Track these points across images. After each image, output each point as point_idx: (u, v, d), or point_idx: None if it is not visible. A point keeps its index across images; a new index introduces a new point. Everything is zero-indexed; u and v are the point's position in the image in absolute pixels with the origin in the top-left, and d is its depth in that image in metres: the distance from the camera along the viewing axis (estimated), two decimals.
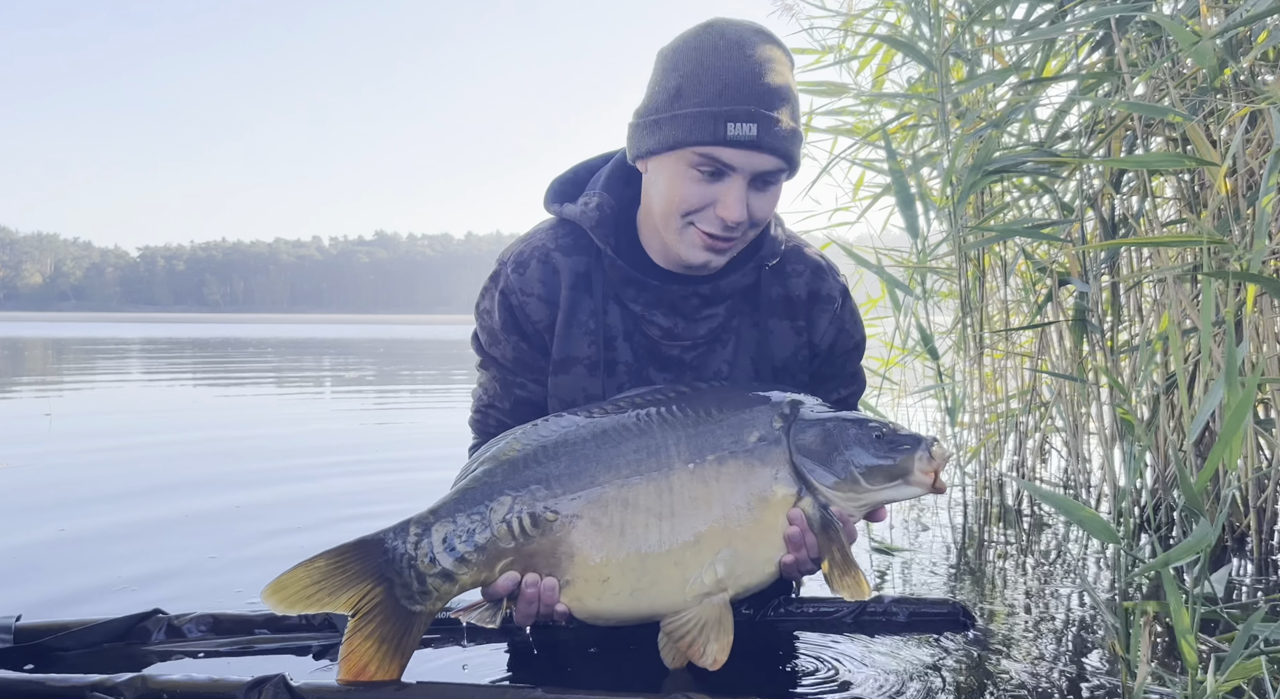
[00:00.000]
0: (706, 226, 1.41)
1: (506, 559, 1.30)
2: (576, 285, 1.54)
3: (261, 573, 2.11)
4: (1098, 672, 1.51)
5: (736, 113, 1.34)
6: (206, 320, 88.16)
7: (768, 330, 1.57)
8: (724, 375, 1.57)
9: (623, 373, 1.55)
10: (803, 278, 1.60)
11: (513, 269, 1.57)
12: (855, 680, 1.46)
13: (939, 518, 2.80)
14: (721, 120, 1.34)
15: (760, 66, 1.37)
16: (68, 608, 1.82)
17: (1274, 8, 1.81)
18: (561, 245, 1.56)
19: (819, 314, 1.60)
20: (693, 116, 1.35)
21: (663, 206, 1.43)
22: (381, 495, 3.07)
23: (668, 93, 1.39)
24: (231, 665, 1.51)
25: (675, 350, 1.56)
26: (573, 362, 1.54)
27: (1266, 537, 2.33)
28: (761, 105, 1.35)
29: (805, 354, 1.61)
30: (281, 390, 8.02)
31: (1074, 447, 2.99)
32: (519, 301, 1.55)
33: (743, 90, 1.35)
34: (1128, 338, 2.78)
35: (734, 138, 1.34)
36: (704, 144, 1.35)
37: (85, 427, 5.02)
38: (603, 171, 1.59)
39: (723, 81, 1.35)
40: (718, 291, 1.53)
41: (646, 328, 1.55)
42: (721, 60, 1.36)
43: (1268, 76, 2.34)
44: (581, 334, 1.54)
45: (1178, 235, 2.47)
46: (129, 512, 2.78)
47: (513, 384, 1.60)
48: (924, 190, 3.04)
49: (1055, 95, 2.89)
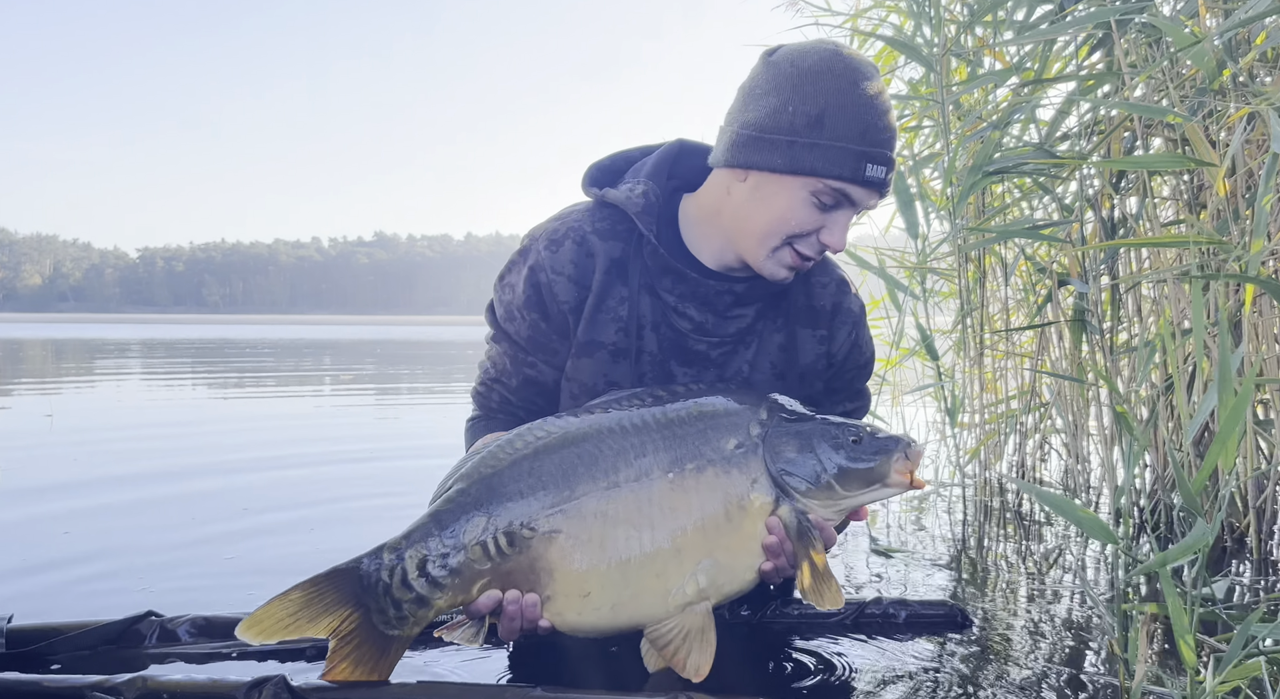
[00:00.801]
0: (805, 250, 1.45)
1: (484, 579, 1.29)
2: (610, 270, 1.54)
3: (256, 574, 2.11)
4: (1096, 672, 1.51)
5: (875, 155, 1.39)
6: (206, 321, 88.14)
7: (793, 336, 1.59)
8: (744, 376, 1.57)
9: (646, 363, 1.55)
10: (829, 290, 1.63)
11: (545, 246, 1.55)
12: (855, 681, 1.46)
13: (939, 518, 2.80)
14: (863, 160, 1.38)
15: (888, 108, 1.42)
16: (62, 601, 1.83)
17: (1272, 9, 1.81)
18: (599, 228, 1.55)
19: (839, 326, 1.63)
20: (837, 151, 1.37)
21: (765, 224, 1.44)
22: (379, 495, 3.07)
23: (808, 118, 1.38)
24: (227, 668, 1.51)
25: (703, 346, 1.56)
26: (597, 346, 1.54)
27: (1266, 537, 2.33)
28: (891, 148, 1.42)
29: (824, 364, 1.63)
30: (281, 390, 8.01)
31: (1074, 447, 2.99)
32: (548, 280, 1.54)
33: (882, 133, 1.40)
34: (1127, 338, 2.78)
35: (870, 179, 1.39)
36: (842, 180, 1.39)
37: (86, 426, 5.02)
38: (646, 162, 1.60)
39: (865, 121, 1.38)
40: (751, 292, 1.55)
41: (676, 320, 1.55)
42: (863, 97, 1.39)
43: (1266, 78, 2.34)
44: (609, 320, 1.53)
45: (1176, 236, 2.48)
46: (125, 516, 2.78)
47: (523, 363, 1.60)
48: (925, 190, 3.05)
49: (1055, 96, 2.89)
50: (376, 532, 1.39)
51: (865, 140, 1.38)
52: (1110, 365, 2.65)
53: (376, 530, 1.42)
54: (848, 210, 1.44)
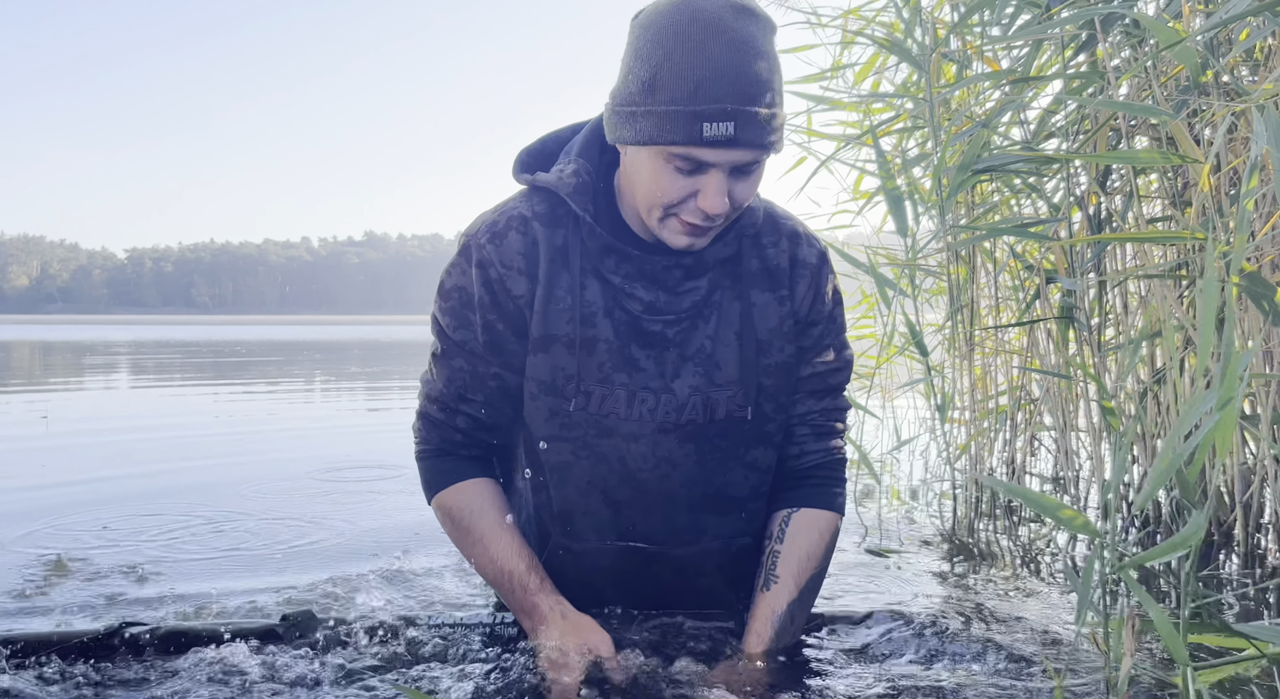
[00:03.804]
0: (689, 218, 1.36)
1: None
2: (555, 258, 1.46)
3: (233, 581, 2.12)
4: (1086, 668, 1.53)
5: (711, 112, 1.26)
6: (194, 322, 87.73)
7: (750, 303, 1.50)
8: (708, 352, 1.48)
9: (604, 351, 1.47)
10: (780, 247, 1.53)
11: (488, 240, 1.46)
12: (828, 684, 1.47)
13: (929, 514, 2.82)
14: (697, 121, 1.27)
15: (736, 54, 1.27)
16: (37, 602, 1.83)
17: (1253, 9, 1.83)
18: (539, 213, 1.47)
19: (798, 280, 1.54)
20: (667, 116, 1.28)
21: (644, 197, 1.38)
22: (376, 497, 3.07)
23: (641, 84, 1.31)
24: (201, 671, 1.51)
25: (658, 326, 1.48)
26: (552, 340, 1.46)
27: (1253, 529, 2.36)
28: (737, 101, 1.27)
29: (790, 325, 1.53)
30: (274, 392, 8.00)
31: (1063, 443, 3.01)
32: (498, 275, 1.45)
33: (718, 87, 1.26)
34: (1114, 334, 2.81)
35: (710, 139, 1.27)
36: (678, 145, 1.29)
37: (83, 428, 5.01)
38: (576, 140, 1.50)
39: (695, 79, 1.27)
40: (701, 262, 1.46)
41: (627, 302, 1.47)
42: (694, 53, 1.27)
43: (1250, 77, 2.36)
44: (560, 310, 1.45)
45: (1161, 231, 2.50)
46: (118, 521, 2.78)
47: (485, 374, 1.50)
48: (916, 189, 3.07)
49: (1043, 99, 2.91)
50: (377, 532, 1.39)
51: (697, 99, 1.26)
52: (1098, 362, 2.68)
53: (377, 529, 1.42)
54: (716, 172, 1.31)
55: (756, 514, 1.59)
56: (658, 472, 1.50)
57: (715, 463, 1.52)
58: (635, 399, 1.47)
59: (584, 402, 1.47)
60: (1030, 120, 2.86)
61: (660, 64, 1.29)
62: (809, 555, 1.54)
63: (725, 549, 1.58)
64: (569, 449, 1.50)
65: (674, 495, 1.52)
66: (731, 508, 1.56)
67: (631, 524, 1.54)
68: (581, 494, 1.52)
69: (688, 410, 1.48)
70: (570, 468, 1.51)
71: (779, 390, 1.53)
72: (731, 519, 1.57)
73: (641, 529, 1.54)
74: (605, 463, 1.50)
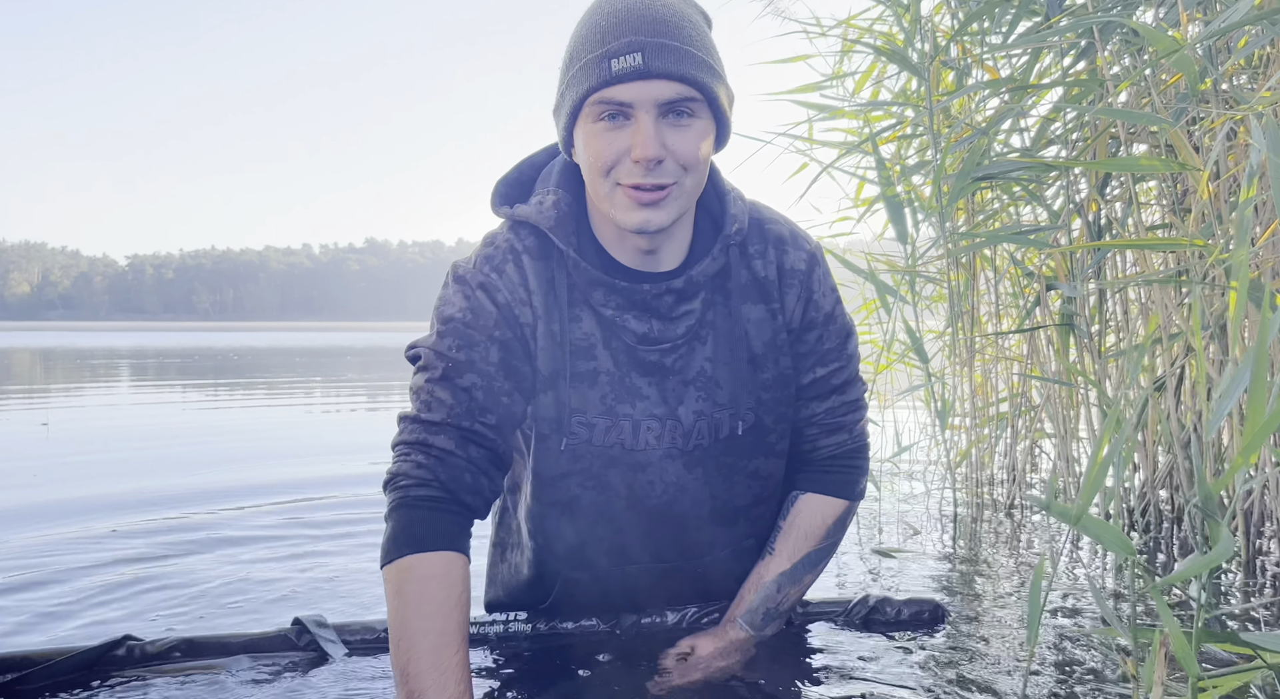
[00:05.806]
0: (629, 179, 1.28)
1: None
2: (548, 292, 1.40)
3: (235, 594, 2.12)
4: (1085, 669, 1.53)
5: (617, 48, 1.24)
6: (195, 329, 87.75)
7: (742, 318, 1.46)
8: (708, 374, 1.45)
9: (605, 383, 1.42)
10: (768, 256, 1.48)
11: (490, 270, 1.40)
12: (843, 685, 1.47)
13: (932, 522, 2.82)
14: (605, 60, 1.25)
15: (645, 2, 1.28)
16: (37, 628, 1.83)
17: (1250, 17, 1.84)
18: (528, 247, 1.41)
19: (788, 289, 1.48)
20: (581, 71, 1.27)
21: (589, 177, 1.32)
22: (371, 500, 3.07)
23: (565, 63, 1.32)
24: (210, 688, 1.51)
25: (654, 356, 1.43)
26: (556, 376, 1.41)
27: (1254, 537, 2.36)
28: (644, 34, 1.25)
29: (783, 338, 1.49)
30: (274, 399, 8.00)
31: (1063, 450, 3.01)
32: (506, 300, 1.39)
33: (622, 25, 1.25)
34: (1115, 340, 2.81)
35: (620, 72, 1.23)
36: (594, 89, 1.25)
37: (83, 435, 5.01)
38: (553, 166, 1.45)
39: (602, 28, 1.27)
40: (691, 284, 1.41)
41: (621, 334, 1.42)
42: (599, 12, 1.29)
43: (1249, 85, 2.37)
44: (558, 344, 1.40)
45: (1160, 238, 2.51)
46: (116, 526, 2.78)
47: (500, 391, 1.37)
48: (916, 196, 3.07)
49: (1042, 106, 2.92)
50: (376, 533, 1.39)
51: (604, 43, 1.26)
52: (1099, 369, 2.68)
53: (375, 530, 1.42)
54: (641, 116, 1.26)
55: (761, 517, 1.61)
56: (666, 496, 1.50)
57: (720, 479, 1.53)
58: (641, 428, 1.45)
59: (588, 433, 1.44)
60: (1030, 127, 2.87)
61: (577, 36, 1.31)
62: (807, 534, 1.56)
63: (732, 555, 1.60)
64: (576, 483, 1.47)
65: (683, 517, 1.53)
66: (737, 517, 1.57)
67: (641, 548, 1.55)
68: (590, 525, 1.51)
69: (694, 436, 1.48)
70: (578, 501, 1.49)
71: (778, 402, 1.52)
72: (738, 528, 1.58)
73: (652, 551, 1.55)
74: (613, 492, 1.49)
